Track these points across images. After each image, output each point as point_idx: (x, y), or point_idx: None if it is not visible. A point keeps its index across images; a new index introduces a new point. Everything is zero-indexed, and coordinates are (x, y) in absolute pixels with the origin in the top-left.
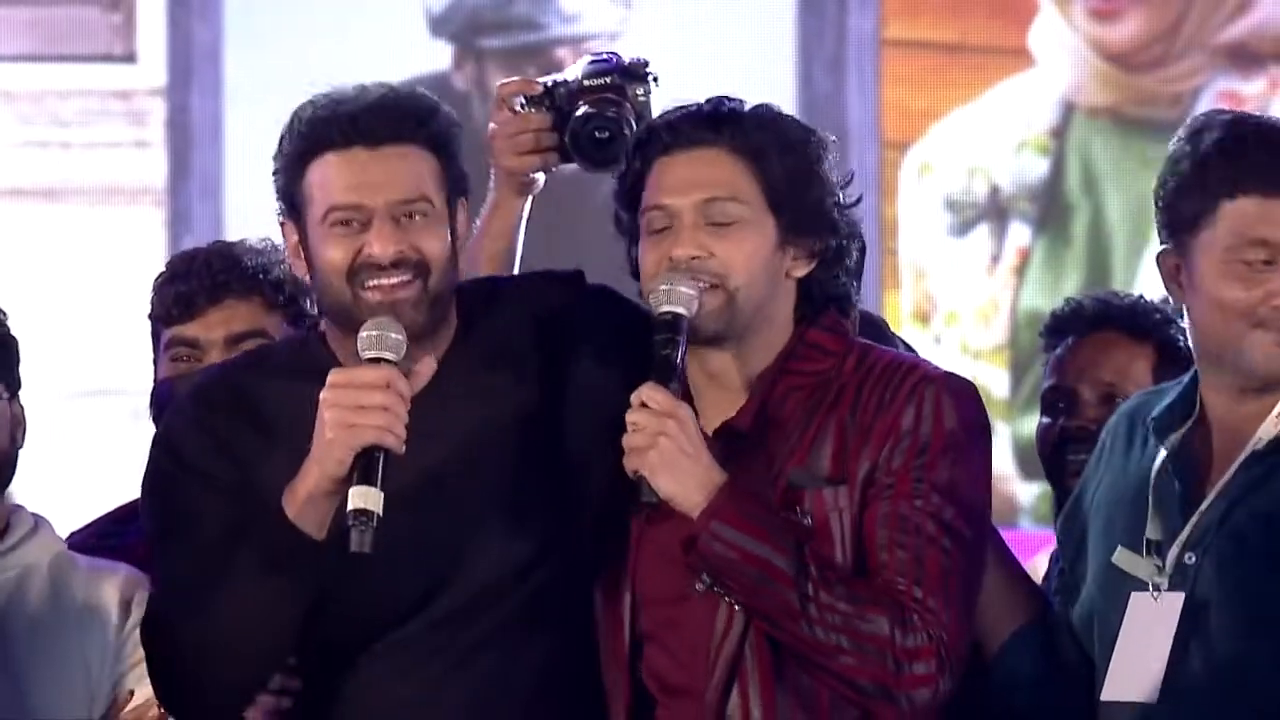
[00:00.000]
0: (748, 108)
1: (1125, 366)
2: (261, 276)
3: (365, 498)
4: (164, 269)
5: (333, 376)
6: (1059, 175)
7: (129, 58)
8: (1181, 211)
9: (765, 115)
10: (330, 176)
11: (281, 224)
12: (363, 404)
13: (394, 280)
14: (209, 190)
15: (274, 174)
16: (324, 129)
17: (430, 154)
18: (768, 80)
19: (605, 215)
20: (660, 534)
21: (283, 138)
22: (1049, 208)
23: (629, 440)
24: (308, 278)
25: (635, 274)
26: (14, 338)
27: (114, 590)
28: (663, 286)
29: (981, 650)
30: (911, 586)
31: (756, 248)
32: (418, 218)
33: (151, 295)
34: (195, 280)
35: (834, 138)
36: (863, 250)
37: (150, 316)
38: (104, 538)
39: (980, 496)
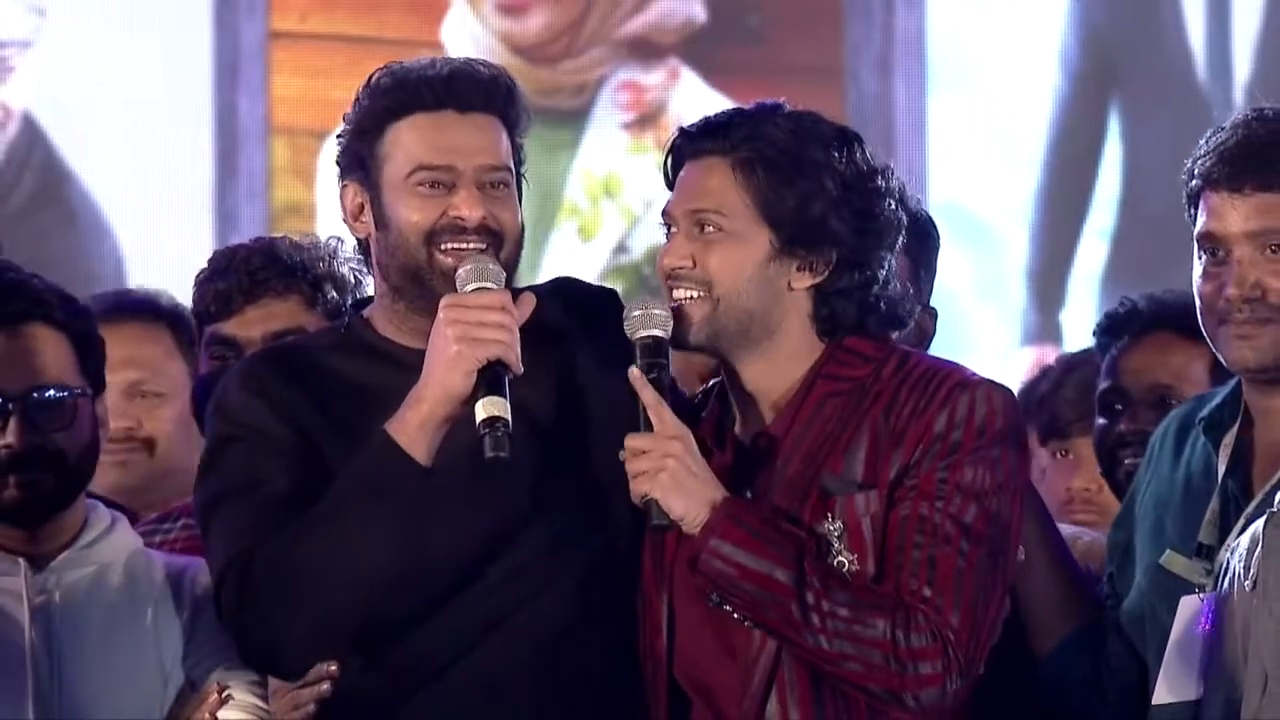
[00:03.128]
0: (758, 117)
1: (1182, 368)
2: (300, 274)
3: (495, 406)
4: (206, 265)
5: (449, 299)
6: None
7: None
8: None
9: (779, 128)
10: (419, 136)
11: (343, 185)
12: (484, 320)
13: (471, 246)
14: (255, 191)
15: (340, 135)
16: (414, 89)
17: (506, 128)
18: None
19: None
20: (694, 539)
21: (359, 99)
22: None
23: (635, 466)
24: (367, 238)
25: None
26: (100, 337)
27: (195, 582)
28: (636, 313)
29: (1034, 651)
30: (922, 586)
31: (743, 260)
32: (500, 187)
33: (193, 291)
34: (234, 278)
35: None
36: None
37: (192, 313)
38: (149, 535)
39: (1008, 501)
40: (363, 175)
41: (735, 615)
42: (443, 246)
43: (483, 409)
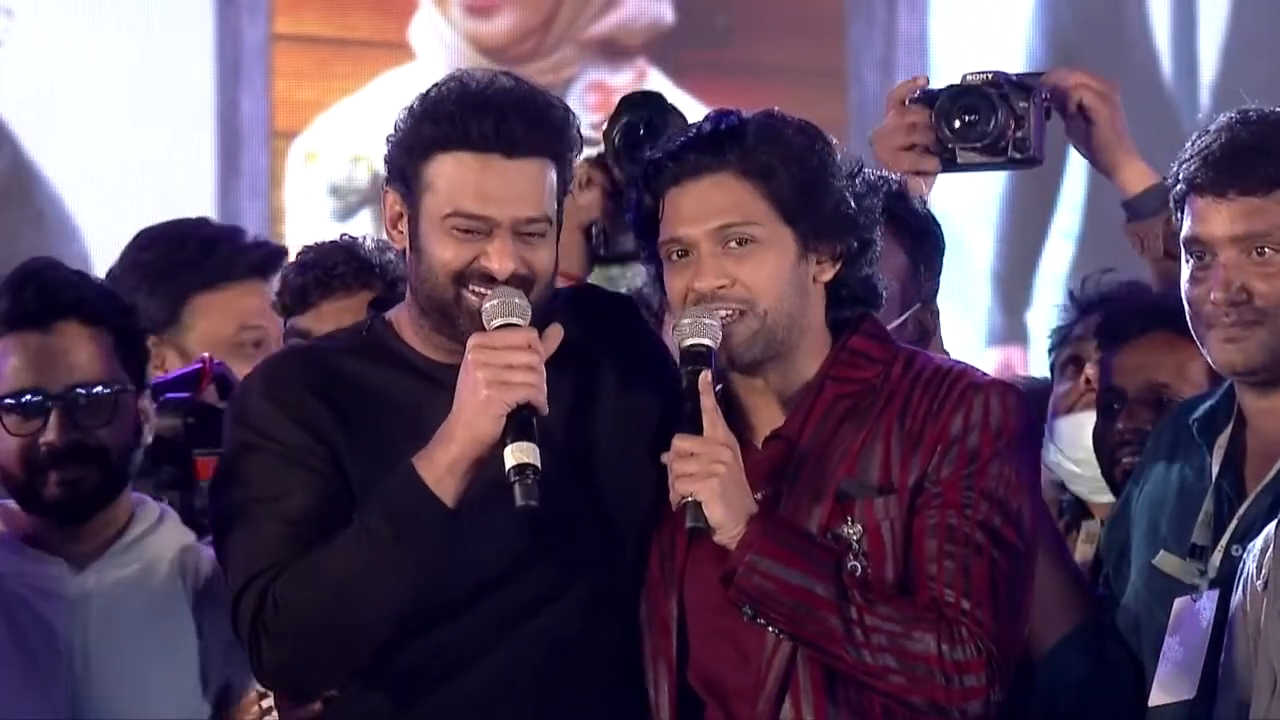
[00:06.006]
0: (748, 122)
1: (1179, 367)
2: (378, 272)
3: (525, 453)
4: (292, 260)
5: (477, 339)
6: None
7: None
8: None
9: (767, 128)
10: (462, 178)
11: (385, 191)
12: (512, 363)
13: (498, 288)
14: (258, 189)
15: (389, 138)
16: (464, 124)
17: (555, 165)
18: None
19: None
20: (709, 542)
21: (412, 111)
22: None
23: (681, 467)
24: (404, 250)
25: (661, 288)
26: (143, 333)
27: None
28: (686, 321)
29: (1029, 650)
30: (959, 598)
31: (778, 265)
32: (536, 236)
33: (277, 284)
34: (311, 273)
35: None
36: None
37: (274, 307)
38: None
39: (1029, 502)
40: (404, 190)
41: (772, 630)
42: (472, 288)
43: (512, 456)
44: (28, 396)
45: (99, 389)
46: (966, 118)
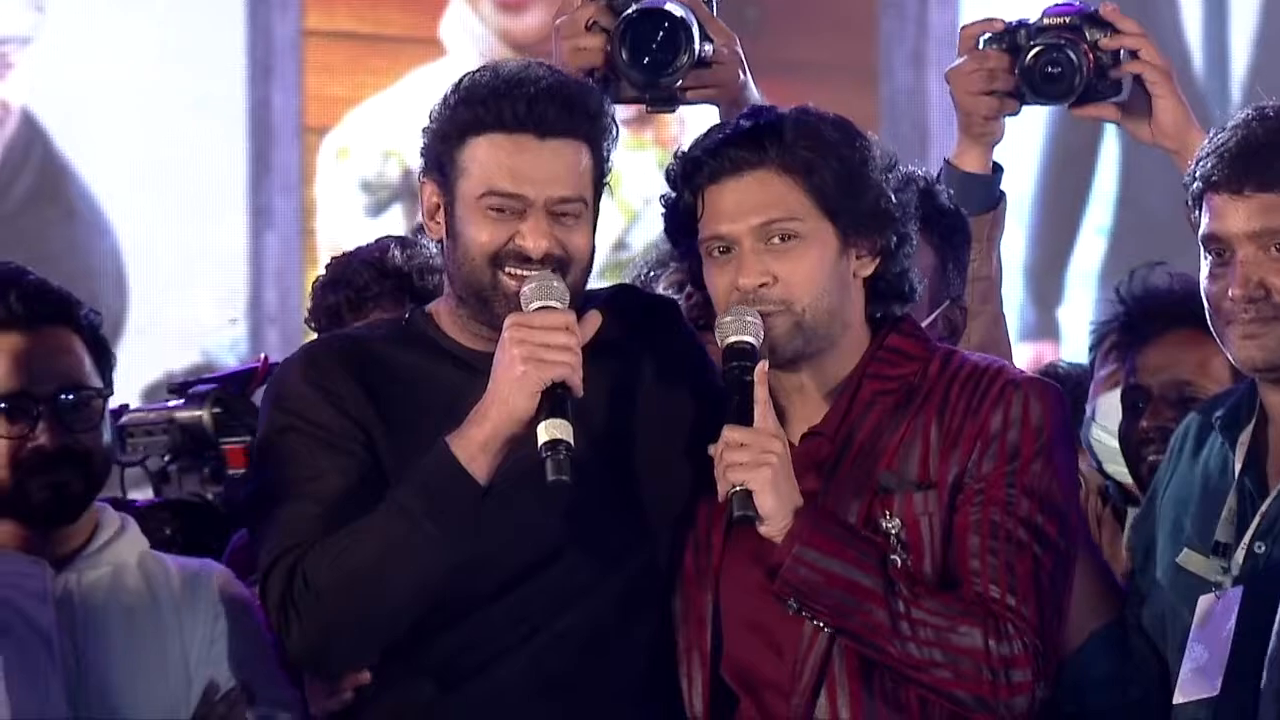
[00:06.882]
0: (785, 119)
1: (1202, 364)
2: (407, 287)
3: (559, 429)
4: (322, 273)
5: (514, 318)
6: None
7: None
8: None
9: (804, 124)
10: (495, 158)
11: (422, 182)
12: (549, 343)
13: (535, 272)
14: (289, 185)
15: (425, 130)
16: (497, 106)
17: (589, 149)
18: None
19: None
20: (746, 536)
21: (446, 99)
22: None
23: (732, 456)
24: (441, 241)
25: (695, 283)
26: (107, 341)
27: (211, 584)
28: (728, 319)
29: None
30: (1005, 594)
31: (819, 260)
32: (570, 217)
33: (310, 299)
34: (341, 293)
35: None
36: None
37: (306, 321)
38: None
39: (1068, 500)
40: (441, 179)
41: (816, 623)
42: (507, 270)
43: (545, 431)
44: (17, 399)
45: (85, 392)
46: (1050, 70)
